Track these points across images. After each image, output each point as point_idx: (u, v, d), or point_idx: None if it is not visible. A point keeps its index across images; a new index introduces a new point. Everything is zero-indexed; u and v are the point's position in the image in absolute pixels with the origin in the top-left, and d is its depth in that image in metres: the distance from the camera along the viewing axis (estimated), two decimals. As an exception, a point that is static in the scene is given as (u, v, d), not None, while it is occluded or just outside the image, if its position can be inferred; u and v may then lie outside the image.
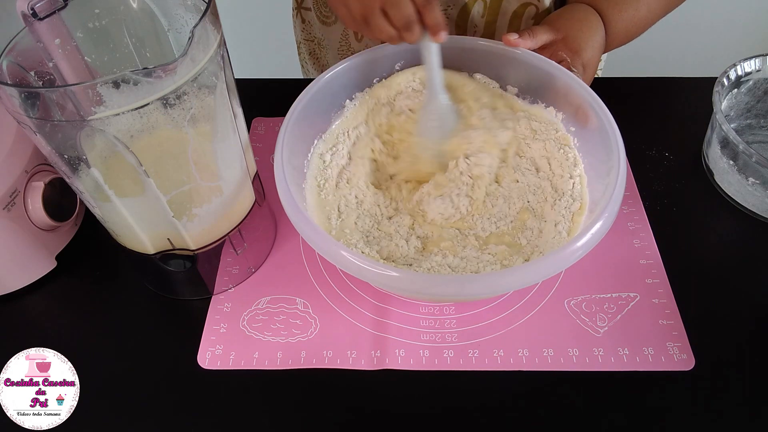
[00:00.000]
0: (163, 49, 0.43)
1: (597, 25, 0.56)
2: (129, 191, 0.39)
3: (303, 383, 0.44)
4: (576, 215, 0.48)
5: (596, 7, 0.57)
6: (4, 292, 0.49)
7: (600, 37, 0.56)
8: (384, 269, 0.38)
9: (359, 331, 0.47)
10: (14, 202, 0.46)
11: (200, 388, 0.44)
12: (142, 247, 0.44)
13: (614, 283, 0.49)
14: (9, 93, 0.33)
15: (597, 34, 0.55)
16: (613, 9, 0.56)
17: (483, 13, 0.61)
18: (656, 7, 0.58)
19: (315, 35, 0.76)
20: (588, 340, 0.46)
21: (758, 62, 0.56)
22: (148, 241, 0.43)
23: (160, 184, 0.39)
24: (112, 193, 0.39)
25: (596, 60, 0.55)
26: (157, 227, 0.43)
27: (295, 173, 0.47)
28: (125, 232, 0.43)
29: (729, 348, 0.46)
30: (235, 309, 0.48)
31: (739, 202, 0.54)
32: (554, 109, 0.52)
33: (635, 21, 0.57)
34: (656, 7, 0.58)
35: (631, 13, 0.57)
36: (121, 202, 0.40)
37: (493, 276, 0.40)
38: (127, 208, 0.40)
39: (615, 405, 0.43)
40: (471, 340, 0.46)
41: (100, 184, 0.38)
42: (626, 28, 0.57)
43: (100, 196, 0.40)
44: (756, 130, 0.60)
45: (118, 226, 0.43)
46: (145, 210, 0.41)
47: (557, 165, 0.51)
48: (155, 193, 0.39)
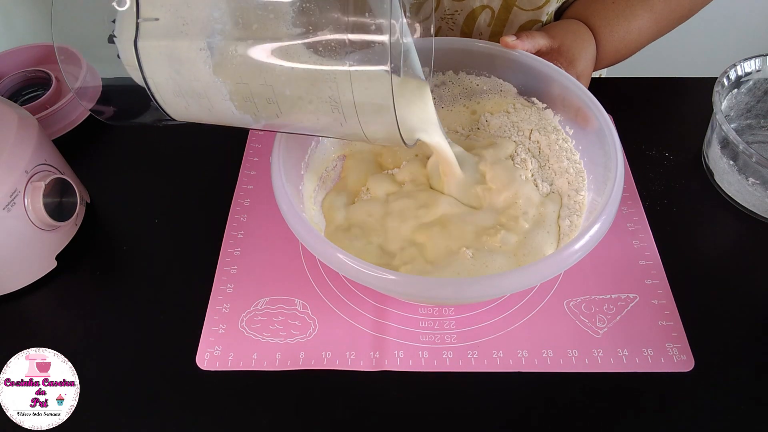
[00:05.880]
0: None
1: (589, 38, 0.57)
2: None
3: (302, 384, 0.45)
4: (575, 216, 0.48)
5: (588, 23, 0.58)
6: (4, 292, 0.49)
7: (592, 50, 0.56)
8: (381, 272, 0.38)
9: (358, 332, 0.47)
10: (14, 202, 0.46)
11: (199, 389, 0.44)
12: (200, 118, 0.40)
13: (613, 284, 0.49)
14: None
15: (590, 47, 0.56)
16: (605, 28, 0.57)
17: (490, 22, 0.61)
18: (647, 30, 0.58)
19: None
20: (587, 341, 0.46)
21: (758, 62, 0.56)
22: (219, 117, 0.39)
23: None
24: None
25: (589, 71, 0.56)
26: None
27: (293, 175, 0.47)
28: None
29: (729, 349, 0.46)
30: (234, 310, 0.48)
31: (739, 202, 0.54)
32: (552, 111, 0.52)
33: (626, 42, 0.58)
34: (647, 31, 0.58)
35: (622, 34, 0.57)
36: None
37: (491, 279, 0.40)
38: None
39: (615, 406, 0.43)
40: (470, 342, 0.46)
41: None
42: (616, 48, 0.58)
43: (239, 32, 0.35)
44: (756, 130, 0.60)
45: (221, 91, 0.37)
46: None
47: (555, 166, 0.52)
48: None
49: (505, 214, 0.49)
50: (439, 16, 0.62)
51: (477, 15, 0.61)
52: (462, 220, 0.49)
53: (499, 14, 0.61)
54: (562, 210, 0.49)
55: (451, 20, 0.62)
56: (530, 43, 0.52)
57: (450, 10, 0.61)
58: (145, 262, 0.53)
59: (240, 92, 0.36)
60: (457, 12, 0.61)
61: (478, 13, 0.61)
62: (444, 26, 0.63)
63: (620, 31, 0.57)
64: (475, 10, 0.61)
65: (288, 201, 0.42)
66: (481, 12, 0.61)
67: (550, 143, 0.52)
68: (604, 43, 0.57)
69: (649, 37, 0.59)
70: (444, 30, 0.63)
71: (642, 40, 0.59)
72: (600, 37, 0.57)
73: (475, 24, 0.62)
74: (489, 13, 0.61)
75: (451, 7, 0.61)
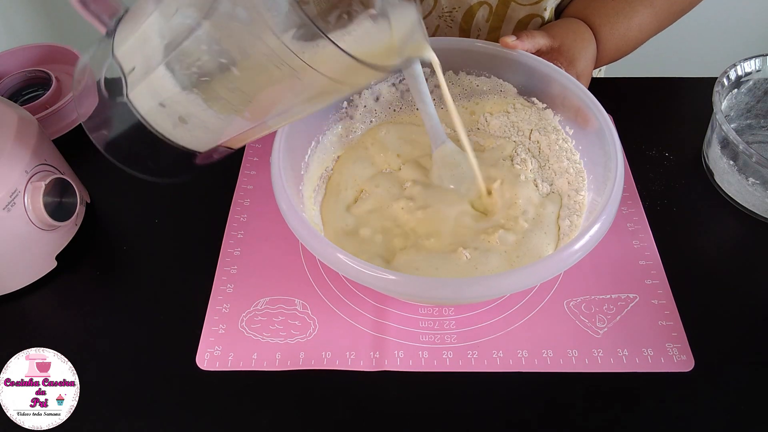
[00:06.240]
0: None
1: (590, 38, 0.56)
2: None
3: (302, 384, 0.45)
4: (575, 216, 0.48)
5: (588, 22, 0.57)
6: (4, 292, 0.49)
7: (592, 49, 0.56)
8: (381, 272, 0.38)
9: (358, 332, 0.47)
10: (14, 202, 0.46)
11: (199, 389, 0.44)
12: (202, 146, 0.42)
13: (613, 284, 0.49)
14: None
15: (590, 46, 0.56)
16: (605, 25, 0.57)
17: (488, 17, 0.61)
18: (648, 26, 0.58)
19: None
20: (587, 341, 0.46)
21: (758, 62, 0.56)
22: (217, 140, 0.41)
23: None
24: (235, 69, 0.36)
25: (589, 71, 0.56)
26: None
27: (293, 175, 0.47)
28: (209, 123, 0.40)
29: (729, 349, 0.46)
30: (234, 310, 0.48)
31: (739, 202, 0.54)
32: (552, 111, 0.52)
33: (626, 39, 0.58)
34: (648, 27, 0.58)
35: (622, 31, 0.57)
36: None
37: (491, 279, 0.40)
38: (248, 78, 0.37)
39: (614, 406, 0.43)
40: (470, 342, 0.46)
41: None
42: (617, 46, 0.58)
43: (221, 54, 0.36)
44: (756, 130, 0.60)
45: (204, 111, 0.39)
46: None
47: (555, 166, 0.52)
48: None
49: (505, 213, 0.49)
50: (437, 14, 0.62)
51: (475, 11, 0.61)
52: (461, 219, 0.49)
53: (497, 9, 0.60)
54: (562, 210, 0.49)
55: (449, 17, 0.62)
56: (530, 43, 0.52)
57: (448, 7, 0.61)
58: (145, 262, 0.53)
59: (208, 93, 0.37)
60: (455, 9, 0.61)
61: (476, 9, 0.61)
62: (442, 24, 0.63)
63: (621, 28, 0.57)
64: (473, 6, 0.60)
65: (288, 201, 0.42)
66: (479, 8, 0.61)
67: (550, 143, 0.52)
68: (605, 41, 0.57)
69: (650, 33, 0.59)
70: (442, 28, 0.63)
71: (643, 36, 0.59)
72: (600, 35, 0.57)
73: (473, 21, 0.62)
74: (487, 9, 0.60)
75: (448, 5, 0.61)
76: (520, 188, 0.50)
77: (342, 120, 0.54)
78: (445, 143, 0.51)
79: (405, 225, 0.49)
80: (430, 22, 0.63)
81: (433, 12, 0.62)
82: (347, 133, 0.55)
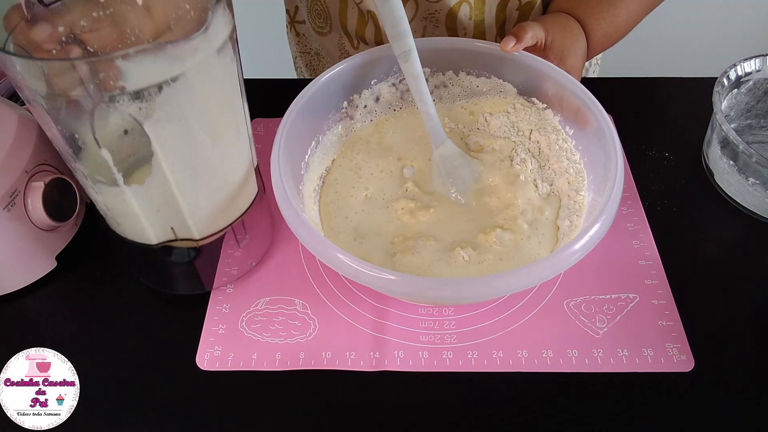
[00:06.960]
0: None
1: (579, 32, 0.56)
2: (137, 175, 0.39)
3: (302, 384, 0.45)
4: (575, 217, 0.48)
5: (576, 16, 0.57)
6: (4, 292, 0.49)
7: (582, 44, 0.56)
8: (381, 272, 0.38)
9: (358, 333, 0.47)
10: (14, 202, 0.46)
11: (199, 389, 0.44)
12: (144, 237, 0.44)
13: (613, 284, 0.49)
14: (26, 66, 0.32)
15: (580, 41, 0.56)
16: (592, 18, 0.56)
17: (470, 15, 0.61)
18: (635, 10, 0.58)
19: (311, 47, 0.76)
20: (587, 341, 0.46)
21: (758, 62, 0.56)
22: (152, 230, 0.43)
23: (170, 167, 0.38)
24: (120, 176, 0.38)
25: (580, 66, 0.56)
26: (162, 214, 0.42)
27: (293, 175, 0.47)
28: (128, 220, 0.43)
29: (729, 349, 0.46)
30: (234, 310, 0.48)
31: (739, 202, 0.54)
32: (552, 111, 0.52)
33: (615, 26, 0.57)
34: (635, 10, 0.58)
35: (609, 20, 0.57)
36: (128, 187, 0.39)
37: (491, 279, 0.40)
38: (134, 193, 0.39)
39: (614, 406, 0.43)
40: (470, 342, 0.46)
41: (109, 166, 0.37)
42: (607, 35, 0.57)
43: (106, 179, 0.39)
44: (756, 130, 0.60)
45: (121, 214, 0.42)
46: (152, 195, 0.40)
47: (555, 166, 0.51)
48: (164, 174, 0.38)
49: (504, 213, 0.49)
50: (422, 16, 0.62)
51: (456, 11, 0.61)
52: (461, 219, 0.49)
53: (476, 4, 0.60)
54: (561, 210, 0.49)
55: (433, 18, 0.62)
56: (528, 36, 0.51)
57: (430, 10, 0.61)
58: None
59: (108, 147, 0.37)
60: (436, 12, 0.61)
61: (457, 9, 0.61)
62: (429, 25, 0.63)
63: (607, 17, 0.57)
64: (453, 7, 0.60)
65: (288, 201, 0.42)
66: (459, 7, 0.60)
67: (549, 143, 0.52)
68: (594, 33, 0.56)
69: (638, 15, 0.59)
70: (429, 29, 0.63)
71: (631, 19, 0.58)
72: (588, 28, 0.56)
73: (457, 19, 0.62)
74: (467, 7, 0.60)
75: (429, 8, 0.61)
76: (520, 188, 0.50)
77: (342, 120, 0.54)
78: (445, 143, 0.51)
79: (405, 225, 0.49)
80: (416, 25, 0.63)
81: (417, 14, 0.62)
82: (347, 133, 0.55)
